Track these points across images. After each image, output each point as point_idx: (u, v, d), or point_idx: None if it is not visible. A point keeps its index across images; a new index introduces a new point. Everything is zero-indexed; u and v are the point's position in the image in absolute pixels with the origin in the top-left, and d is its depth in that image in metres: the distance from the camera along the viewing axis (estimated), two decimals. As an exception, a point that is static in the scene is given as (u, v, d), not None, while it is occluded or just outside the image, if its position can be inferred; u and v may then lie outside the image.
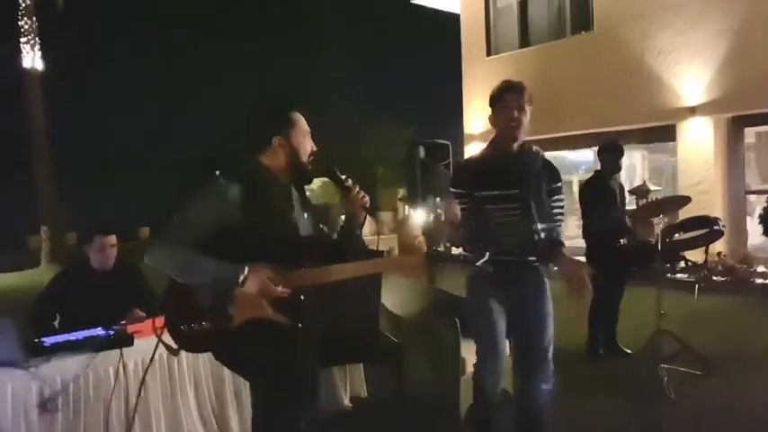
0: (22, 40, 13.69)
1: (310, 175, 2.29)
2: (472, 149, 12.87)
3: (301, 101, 2.36)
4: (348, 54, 19.26)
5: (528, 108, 2.77)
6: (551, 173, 2.81)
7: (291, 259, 2.13)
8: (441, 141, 5.72)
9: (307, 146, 2.27)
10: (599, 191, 4.80)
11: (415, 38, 21.31)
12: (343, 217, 2.35)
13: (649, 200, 4.84)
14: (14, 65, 13.73)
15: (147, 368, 2.71)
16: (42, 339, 3.05)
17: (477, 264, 2.22)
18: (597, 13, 10.72)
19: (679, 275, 7.40)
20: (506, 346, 2.98)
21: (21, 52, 13.67)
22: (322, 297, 3.18)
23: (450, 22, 13.43)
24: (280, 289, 2.03)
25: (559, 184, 2.81)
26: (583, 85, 10.77)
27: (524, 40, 12.07)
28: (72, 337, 3.10)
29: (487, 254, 2.27)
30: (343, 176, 2.29)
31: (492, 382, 2.83)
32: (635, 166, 13.80)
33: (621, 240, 4.61)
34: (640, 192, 4.99)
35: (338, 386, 3.87)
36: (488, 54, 12.55)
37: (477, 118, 12.72)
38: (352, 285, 3.15)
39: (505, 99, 2.80)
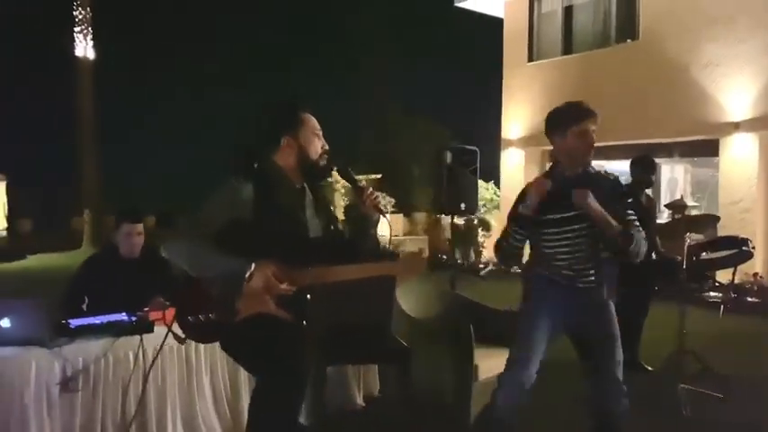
0: (76, 29, 14.16)
1: (322, 174, 2.33)
2: (509, 155, 12.79)
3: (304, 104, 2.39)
4: (391, 56, 19.28)
5: None
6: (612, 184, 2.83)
7: (300, 258, 2.19)
8: (469, 147, 5.67)
9: (317, 144, 2.31)
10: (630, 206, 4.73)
11: (458, 41, 21.24)
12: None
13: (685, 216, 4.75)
14: (67, 53, 14.21)
15: (158, 354, 2.80)
16: (69, 321, 3.18)
17: (481, 274, 2.24)
18: (644, 22, 10.53)
19: (705, 294, 7.22)
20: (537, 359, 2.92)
21: (74, 41, 14.14)
22: (334, 296, 3.26)
23: (492, 27, 13.36)
24: (284, 286, 2.09)
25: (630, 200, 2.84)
26: (625, 94, 10.59)
27: (567, 47, 11.93)
28: (97, 320, 3.22)
29: (491, 264, 2.28)
30: (357, 177, 2.33)
31: (511, 392, 2.83)
32: (677, 180, 13.48)
33: (652, 256, 4.54)
34: (677, 207, 4.88)
35: (352, 384, 3.92)
36: (530, 60, 12.46)
37: (515, 123, 12.64)
38: (365, 286, 3.22)
39: (584, 125, 2.77)
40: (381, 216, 2.32)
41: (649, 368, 4.84)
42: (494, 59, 13.19)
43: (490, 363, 3.50)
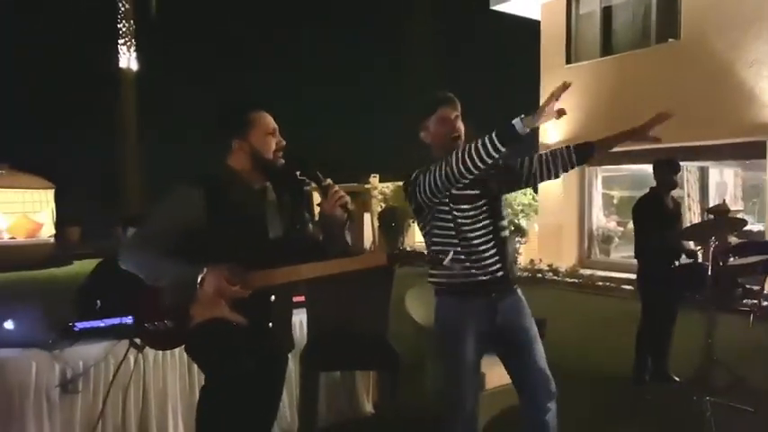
0: (120, 41, 14.65)
1: (280, 172, 2.27)
2: (547, 159, 12.52)
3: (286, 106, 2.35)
4: (427, 57, 19.24)
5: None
6: None
7: (260, 260, 2.14)
8: None
9: (270, 144, 2.24)
10: (653, 209, 4.55)
11: (494, 44, 21.00)
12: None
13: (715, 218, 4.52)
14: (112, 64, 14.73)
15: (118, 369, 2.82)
16: (74, 324, 3.23)
17: (444, 262, 2.12)
18: (685, 20, 10.15)
19: (734, 302, 6.82)
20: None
21: (118, 53, 14.64)
22: (328, 302, 3.20)
23: (529, 29, 13.15)
24: (235, 289, 2.04)
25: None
26: (666, 96, 10.19)
27: (606, 49, 11.61)
28: (101, 323, 3.26)
29: (451, 252, 2.16)
30: (322, 176, 2.26)
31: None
32: (726, 184, 12.97)
33: (675, 262, 4.34)
34: (718, 211, 4.64)
35: (360, 392, 3.86)
36: (568, 62, 12.18)
37: (553, 127, 12.36)
38: (360, 292, 3.16)
39: (442, 112, 2.68)
40: (348, 216, 2.24)
41: (677, 378, 4.61)
42: (531, 63, 12.97)
43: (498, 372, 3.38)
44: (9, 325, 3.00)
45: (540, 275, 11.05)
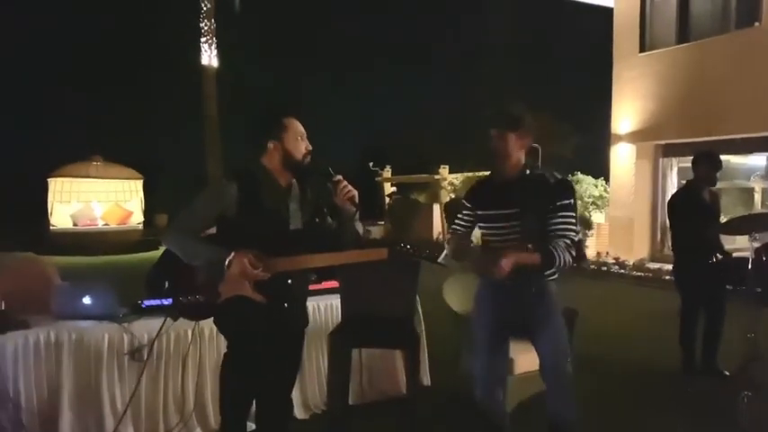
0: (202, 39, 15.46)
1: (306, 172, 2.57)
2: (619, 150, 12.25)
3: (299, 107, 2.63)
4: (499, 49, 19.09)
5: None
6: (557, 192, 2.72)
7: (281, 248, 2.45)
8: (531, 145, 5.56)
9: (300, 147, 2.55)
10: (690, 203, 4.53)
11: (565, 32, 20.54)
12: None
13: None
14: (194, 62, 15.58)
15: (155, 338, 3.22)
16: (142, 301, 3.64)
17: (439, 261, 2.33)
18: (768, 4, 9.67)
19: None
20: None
21: (200, 51, 15.46)
22: (359, 287, 3.47)
23: (602, 16, 12.85)
24: (258, 272, 2.35)
25: (566, 202, 2.69)
26: (746, 84, 9.78)
27: (682, 36, 11.19)
28: (165, 301, 3.65)
29: (445, 251, 2.37)
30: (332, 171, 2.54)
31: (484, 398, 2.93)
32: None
33: (714, 257, 4.31)
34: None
35: (399, 372, 4.10)
36: (641, 50, 11.83)
37: (625, 117, 12.08)
38: (388, 277, 3.41)
39: (490, 132, 2.83)
40: (356, 209, 2.51)
41: (726, 373, 4.58)
42: (603, 51, 12.69)
43: (526, 357, 3.53)
44: (87, 300, 3.45)
45: (605, 269, 10.88)
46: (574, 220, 2.65)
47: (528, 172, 2.78)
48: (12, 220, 15.76)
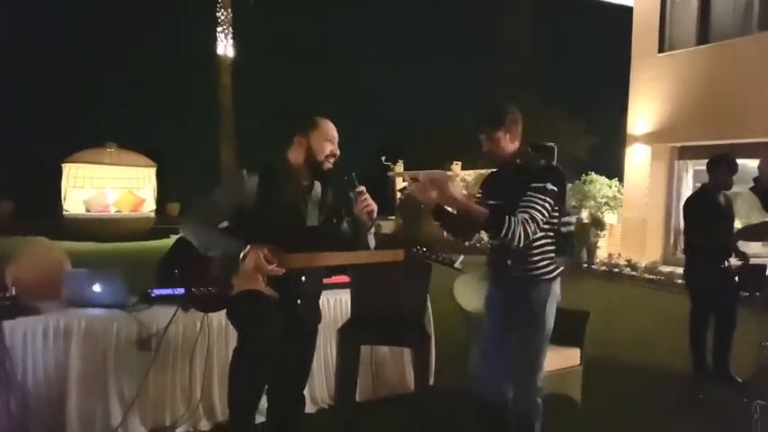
0: (218, 29, 15.46)
1: (323, 174, 2.54)
2: (634, 151, 12.13)
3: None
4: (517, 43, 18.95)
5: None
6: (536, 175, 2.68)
7: (296, 245, 2.43)
8: (546, 144, 5.50)
9: (325, 148, 2.53)
10: (704, 207, 4.48)
11: (582, 31, 20.36)
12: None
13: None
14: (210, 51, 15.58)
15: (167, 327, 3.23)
16: (151, 291, 3.64)
17: (455, 265, 2.32)
18: (792, 5, 9.51)
19: None
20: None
21: (216, 40, 15.47)
22: (369, 284, 3.45)
23: (621, 16, 12.71)
24: (272, 267, 2.32)
25: (540, 185, 2.62)
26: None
27: (702, 36, 11.04)
28: (175, 291, 3.65)
29: (462, 255, 2.35)
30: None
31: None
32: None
33: (727, 261, 4.25)
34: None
35: (407, 370, 4.07)
36: (660, 50, 11.69)
37: (641, 118, 11.95)
38: (398, 278, 3.39)
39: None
40: (372, 223, 2.49)
41: (739, 379, 4.53)
42: (621, 50, 12.56)
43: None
44: (97, 288, 3.44)
45: (616, 270, 10.79)
46: (544, 202, 2.56)
47: (518, 161, 2.79)
48: (26, 204, 15.87)
